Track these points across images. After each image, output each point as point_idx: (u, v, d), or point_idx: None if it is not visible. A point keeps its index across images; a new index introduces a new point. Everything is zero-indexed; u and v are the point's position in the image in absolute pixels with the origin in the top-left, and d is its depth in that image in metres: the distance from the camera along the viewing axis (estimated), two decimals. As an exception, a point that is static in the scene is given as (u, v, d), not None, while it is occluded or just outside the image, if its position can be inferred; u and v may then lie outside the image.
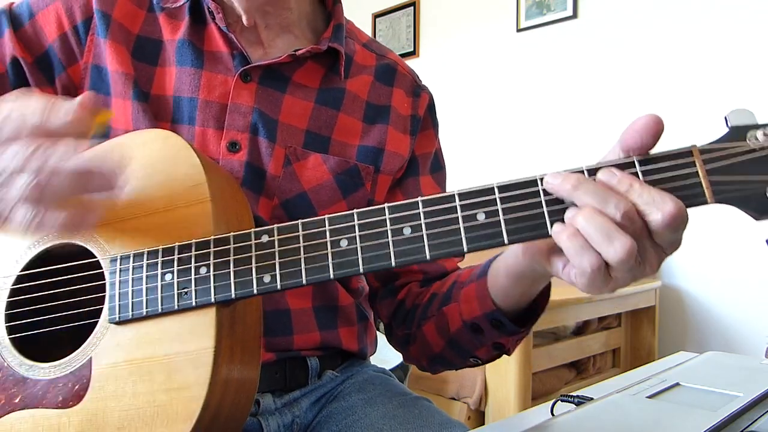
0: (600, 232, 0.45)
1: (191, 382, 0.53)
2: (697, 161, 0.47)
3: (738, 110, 0.48)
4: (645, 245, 0.47)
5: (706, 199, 0.47)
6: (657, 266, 0.49)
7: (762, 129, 0.46)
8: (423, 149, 0.85)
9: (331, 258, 0.52)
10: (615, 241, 0.45)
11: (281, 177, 0.73)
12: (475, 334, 0.69)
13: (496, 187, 0.50)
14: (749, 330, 2.31)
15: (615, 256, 0.45)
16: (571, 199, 0.47)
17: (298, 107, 0.76)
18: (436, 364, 0.80)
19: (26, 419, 0.58)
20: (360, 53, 0.84)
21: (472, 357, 0.74)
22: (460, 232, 0.50)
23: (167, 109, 0.73)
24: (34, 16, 0.74)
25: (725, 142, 0.47)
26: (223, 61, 0.74)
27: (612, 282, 0.48)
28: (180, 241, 0.57)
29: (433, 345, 0.75)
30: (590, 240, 0.46)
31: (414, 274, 0.82)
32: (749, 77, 2.21)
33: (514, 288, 0.63)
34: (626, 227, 0.45)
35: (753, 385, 0.67)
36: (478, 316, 0.67)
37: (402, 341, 0.82)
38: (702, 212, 0.49)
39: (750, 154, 0.46)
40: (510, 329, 0.66)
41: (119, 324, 0.58)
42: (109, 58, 0.73)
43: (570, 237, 0.47)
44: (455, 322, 0.70)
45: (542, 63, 2.89)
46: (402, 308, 0.81)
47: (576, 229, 0.46)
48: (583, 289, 0.49)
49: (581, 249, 0.46)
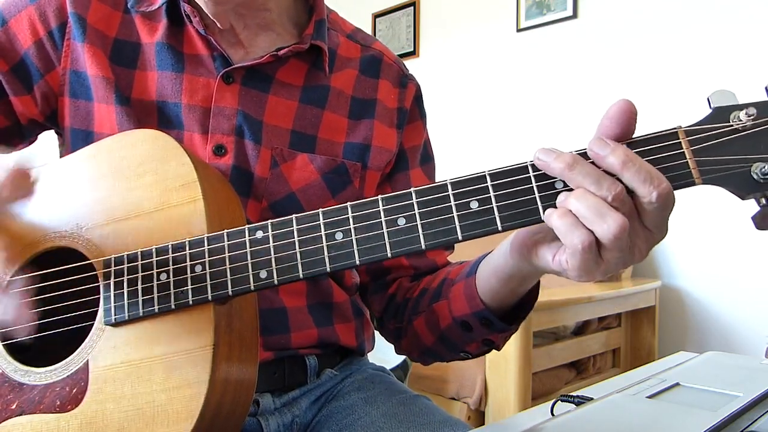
0: (592, 210, 0.46)
1: (191, 380, 0.53)
2: (683, 142, 0.47)
3: (720, 91, 0.48)
4: (635, 226, 0.47)
5: (694, 180, 0.47)
6: (646, 252, 0.49)
7: (744, 109, 0.47)
8: (411, 142, 0.85)
9: (327, 251, 0.52)
10: (608, 218, 0.45)
11: (269, 179, 0.73)
12: (464, 331, 0.70)
13: (488, 175, 0.50)
14: (749, 330, 2.31)
15: (608, 233, 0.45)
16: (564, 178, 0.48)
17: (283, 107, 0.75)
18: (427, 357, 0.81)
19: (24, 425, 0.58)
20: (344, 45, 0.83)
21: (462, 352, 0.75)
22: (454, 220, 0.50)
23: (152, 114, 0.72)
24: (6, 23, 0.73)
25: (709, 123, 0.48)
26: (204, 64, 0.73)
27: (603, 265, 0.48)
28: (174, 241, 0.57)
29: (424, 339, 0.76)
30: (582, 219, 0.46)
31: (404, 269, 0.82)
32: (750, 77, 2.21)
33: (503, 288, 0.63)
34: (618, 208, 0.46)
35: (753, 385, 0.67)
36: (467, 314, 0.68)
37: (394, 334, 0.83)
38: (702, 212, 0.49)
39: (734, 134, 0.47)
40: (499, 327, 0.67)
41: (115, 326, 0.57)
42: (88, 63, 0.72)
43: (561, 216, 0.47)
44: (445, 319, 0.71)
45: (542, 63, 2.88)
46: (393, 302, 0.82)
47: (567, 209, 0.47)
48: (575, 275, 0.49)
49: (572, 227, 0.46)
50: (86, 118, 0.73)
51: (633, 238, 0.47)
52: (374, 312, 0.86)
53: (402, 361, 1.84)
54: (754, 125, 0.46)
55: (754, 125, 0.46)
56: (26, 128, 0.77)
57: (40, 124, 0.77)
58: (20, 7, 0.73)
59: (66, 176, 0.65)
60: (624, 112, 0.48)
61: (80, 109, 0.73)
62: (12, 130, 0.76)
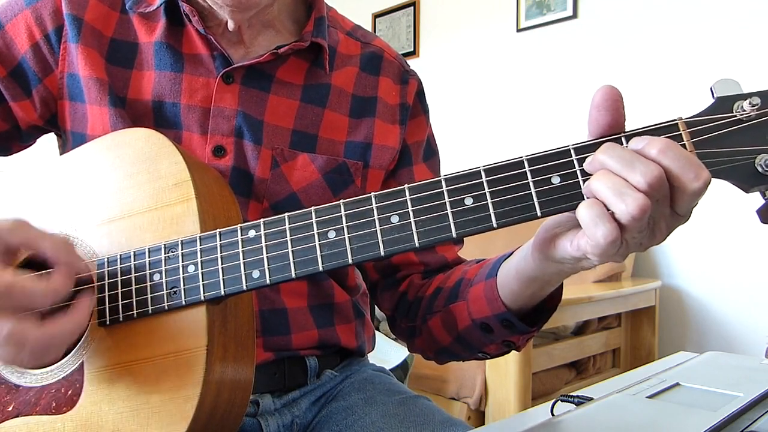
0: (612, 189, 0.44)
1: (185, 381, 0.53)
2: (684, 134, 0.46)
3: (723, 80, 0.47)
4: (664, 212, 0.46)
5: None
6: (666, 234, 0.47)
7: (748, 98, 0.45)
8: (414, 137, 0.84)
9: (320, 250, 0.52)
10: (627, 198, 0.43)
11: (270, 179, 0.72)
12: (484, 332, 0.68)
13: (483, 171, 0.49)
14: (749, 330, 2.31)
15: (627, 213, 0.43)
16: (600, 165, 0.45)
17: (284, 106, 0.75)
18: (442, 356, 0.79)
19: (20, 427, 0.58)
20: (344, 43, 0.82)
21: (480, 352, 0.74)
22: (448, 217, 0.49)
23: (147, 114, 0.72)
24: (3, 27, 0.72)
25: (711, 113, 0.46)
26: (204, 64, 0.73)
27: (624, 247, 0.46)
28: (167, 240, 0.56)
29: (440, 339, 0.75)
30: (604, 199, 0.44)
31: (414, 266, 0.81)
32: (751, 77, 2.21)
33: (525, 290, 0.62)
34: (648, 193, 0.43)
35: (753, 385, 0.67)
36: (488, 316, 0.66)
37: (407, 333, 0.82)
38: (702, 212, 0.48)
39: (737, 125, 0.45)
40: (520, 329, 0.65)
41: (110, 327, 0.57)
42: (81, 64, 0.71)
43: (588, 206, 0.45)
44: (464, 320, 0.70)
45: (542, 63, 2.88)
46: (404, 300, 0.81)
47: (594, 198, 0.45)
48: (595, 255, 0.47)
49: (597, 218, 0.44)
50: (82, 121, 0.72)
51: (658, 221, 0.46)
52: (385, 310, 0.85)
53: (402, 361, 1.84)
54: (759, 115, 0.45)
55: (758, 115, 0.45)
56: (26, 133, 0.76)
57: (41, 128, 0.77)
58: (16, 11, 0.72)
59: (60, 177, 0.65)
60: (608, 97, 0.47)
61: (78, 111, 0.73)
62: (11, 134, 0.76)
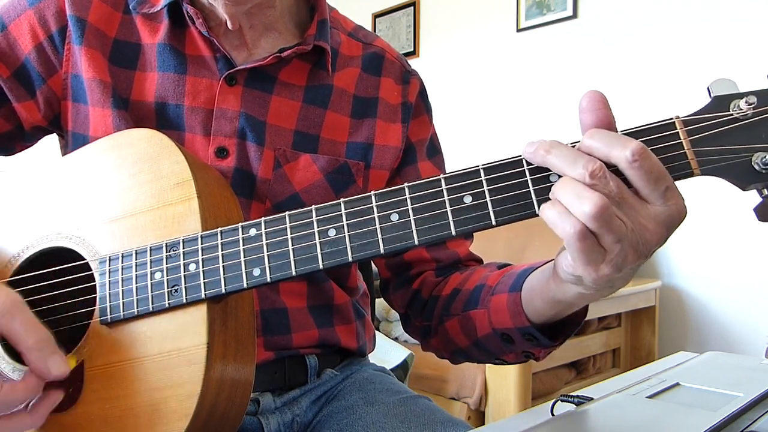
0: (570, 193, 0.45)
1: (185, 379, 0.53)
2: (681, 132, 0.46)
3: (720, 80, 0.47)
4: (631, 202, 0.45)
5: (692, 170, 0.46)
6: (657, 234, 0.46)
7: (745, 97, 0.45)
8: (418, 135, 0.84)
9: (320, 248, 0.52)
10: (584, 199, 0.44)
11: (272, 180, 0.73)
12: (505, 342, 0.67)
13: (482, 169, 0.50)
14: (749, 330, 2.31)
15: (586, 213, 0.43)
16: (547, 164, 0.47)
17: (286, 107, 0.75)
18: (457, 357, 0.79)
19: None
20: (346, 44, 0.82)
21: (497, 359, 0.73)
22: (448, 215, 0.50)
23: (150, 115, 0.72)
24: (6, 28, 0.72)
25: (708, 112, 0.47)
26: (207, 65, 0.73)
27: (608, 254, 0.46)
28: (168, 239, 0.56)
29: (458, 342, 0.74)
30: (567, 205, 0.45)
31: (427, 262, 0.81)
32: (747, 77, 2.21)
33: (549, 311, 0.61)
34: (598, 187, 0.44)
35: (753, 385, 0.67)
36: (510, 329, 0.65)
37: (421, 332, 0.81)
38: (701, 212, 0.48)
39: (734, 123, 0.46)
40: (543, 343, 0.64)
41: (111, 324, 0.57)
42: (84, 66, 0.71)
43: (550, 206, 0.46)
44: (484, 328, 0.69)
45: (542, 63, 2.88)
46: (418, 298, 0.80)
47: (556, 199, 0.46)
48: (583, 270, 0.47)
49: (561, 215, 0.45)
50: (84, 122, 0.72)
51: (634, 217, 0.45)
52: (398, 308, 0.85)
53: (402, 361, 1.84)
54: (755, 114, 0.45)
55: (755, 114, 0.45)
56: (29, 133, 0.77)
57: (44, 129, 0.77)
58: (19, 11, 0.72)
59: (63, 176, 0.65)
60: (594, 100, 0.48)
61: (80, 113, 0.73)
62: (14, 134, 0.76)
